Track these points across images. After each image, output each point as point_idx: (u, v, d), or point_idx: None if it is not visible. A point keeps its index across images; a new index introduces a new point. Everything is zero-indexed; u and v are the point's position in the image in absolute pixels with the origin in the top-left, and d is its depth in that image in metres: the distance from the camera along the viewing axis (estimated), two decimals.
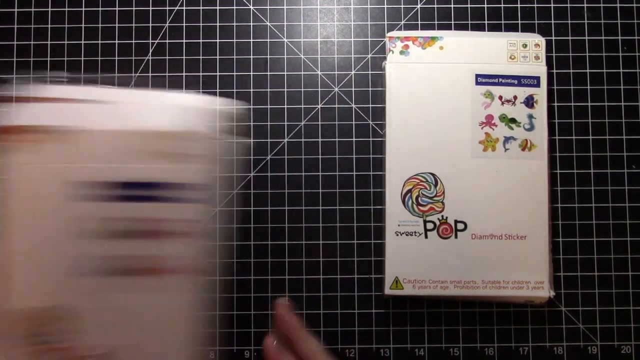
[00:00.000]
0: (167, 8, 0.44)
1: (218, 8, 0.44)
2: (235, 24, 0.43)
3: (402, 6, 0.44)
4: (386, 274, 0.39)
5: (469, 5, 0.43)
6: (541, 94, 0.40)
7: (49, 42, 0.43)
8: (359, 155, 0.42)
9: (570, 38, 0.43)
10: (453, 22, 0.43)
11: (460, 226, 0.39)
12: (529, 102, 0.39)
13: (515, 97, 0.40)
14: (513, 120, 0.40)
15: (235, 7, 0.44)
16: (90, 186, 0.27)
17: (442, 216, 0.39)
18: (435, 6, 0.43)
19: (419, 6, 0.44)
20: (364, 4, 0.44)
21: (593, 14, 0.44)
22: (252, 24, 0.44)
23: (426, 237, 0.39)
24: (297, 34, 0.44)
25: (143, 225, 0.27)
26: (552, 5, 0.44)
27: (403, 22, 0.43)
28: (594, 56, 0.43)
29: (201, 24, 0.43)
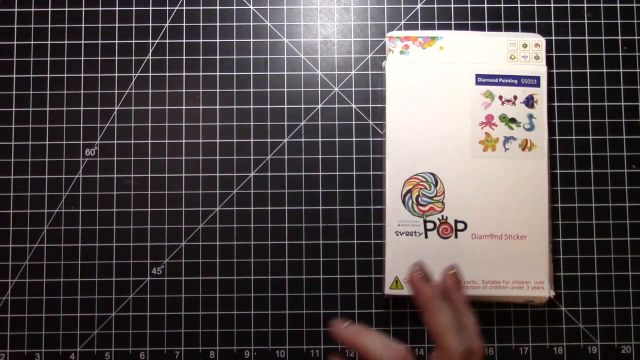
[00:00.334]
0: (167, 8, 0.44)
1: (218, 8, 0.44)
2: (235, 24, 0.43)
3: (402, 6, 0.44)
4: (386, 273, 0.39)
5: (469, 5, 0.43)
6: (541, 94, 0.40)
7: (48, 42, 0.43)
8: (359, 155, 0.42)
9: (570, 38, 0.43)
10: (453, 22, 0.43)
11: (461, 226, 0.39)
12: (529, 102, 0.40)
13: (515, 97, 0.40)
14: (513, 120, 0.40)
15: (235, 7, 0.44)
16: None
17: (442, 216, 0.39)
18: (435, 6, 0.43)
19: (419, 6, 0.44)
20: (364, 4, 0.44)
21: (593, 14, 0.44)
22: (252, 24, 0.43)
23: (426, 236, 0.39)
24: (297, 34, 0.44)
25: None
26: (552, 5, 0.44)
27: (403, 22, 0.43)
28: (594, 56, 0.43)
29: (201, 24, 0.43)
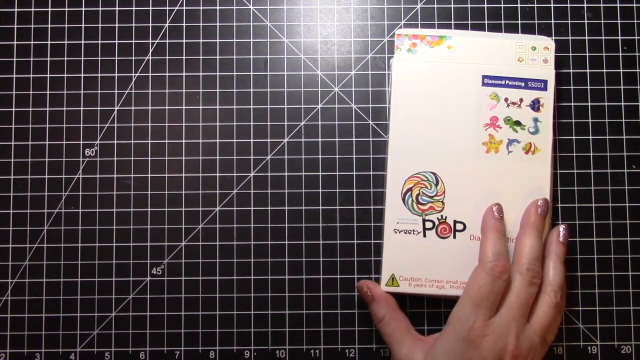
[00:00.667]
0: (167, 8, 0.44)
1: (218, 8, 0.44)
2: (235, 24, 0.43)
3: (402, 6, 0.44)
4: (383, 270, 0.39)
5: (469, 5, 0.43)
6: (548, 97, 0.40)
7: (48, 42, 0.43)
8: (359, 155, 0.42)
9: (570, 38, 0.43)
10: (453, 22, 0.43)
11: (459, 227, 0.39)
12: (535, 105, 0.39)
13: (522, 100, 0.39)
14: (518, 123, 0.39)
15: (235, 7, 0.44)
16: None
17: (442, 216, 0.39)
18: (435, 6, 0.43)
19: (419, 6, 0.44)
20: (364, 4, 0.44)
21: (593, 14, 0.44)
22: (252, 24, 0.44)
23: (424, 235, 0.39)
24: (297, 34, 0.44)
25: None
26: (552, 5, 0.44)
27: (403, 22, 0.43)
28: (594, 56, 0.43)
29: (201, 24, 0.43)
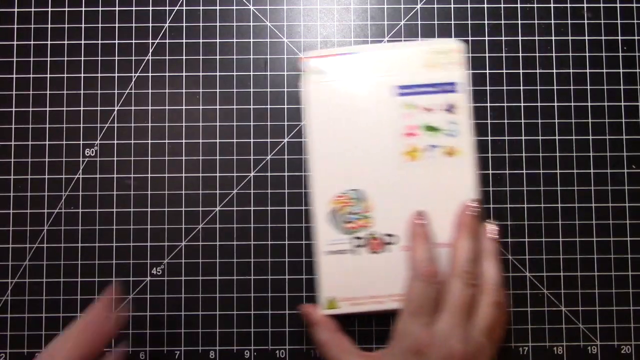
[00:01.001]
0: (167, 8, 0.44)
1: (218, 8, 0.44)
2: (235, 24, 0.43)
3: (402, 6, 0.44)
4: (320, 294, 0.39)
5: (469, 5, 0.43)
6: (462, 99, 0.39)
7: (48, 42, 0.43)
8: None
9: (570, 38, 0.43)
10: (453, 22, 0.43)
11: (391, 239, 0.39)
12: (450, 108, 0.39)
13: (436, 105, 0.39)
14: (435, 128, 0.39)
15: (235, 7, 0.44)
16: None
17: (372, 231, 0.39)
18: (435, 6, 0.43)
19: (419, 6, 0.44)
20: (364, 4, 0.44)
21: (593, 14, 0.44)
22: (252, 24, 0.43)
23: (357, 254, 0.39)
24: (297, 34, 0.43)
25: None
26: (552, 5, 0.44)
27: (403, 22, 0.43)
28: (594, 56, 0.43)
29: (201, 24, 0.43)
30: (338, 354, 0.37)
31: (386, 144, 0.39)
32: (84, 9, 0.44)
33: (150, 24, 0.43)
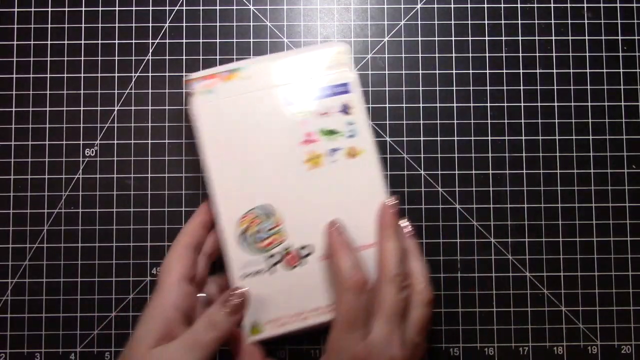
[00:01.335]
0: (167, 8, 0.44)
1: (218, 8, 0.44)
2: (235, 24, 0.43)
3: (402, 6, 0.44)
4: (242, 320, 0.36)
5: (469, 5, 0.43)
6: (355, 98, 0.38)
7: (48, 42, 0.43)
8: None
9: (570, 38, 0.43)
10: (453, 22, 0.43)
11: (306, 252, 0.37)
12: (345, 109, 0.38)
13: (331, 108, 0.38)
14: (333, 132, 0.38)
15: (235, 7, 0.44)
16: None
17: (286, 246, 0.37)
18: (436, 6, 0.43)
19: (419, 6, 0.44)
20: (364, 4, 0.44)
21: (593, 14, 0.44)
22: (252, 24, 0.44)
23: (273, 272, 0.37)
24: (297, 34, 0.44)
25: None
26: (552, 5, 0.44)
27: (403, 22, 0.43)
28: (594, 56, 0.43)
29: (201, 24, 0.43)
30: None
31: (286, 154, 0.37)
32: (84, 9, 0.44)
33: (150, 24, 0.43)
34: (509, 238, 0.42)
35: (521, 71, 0.43)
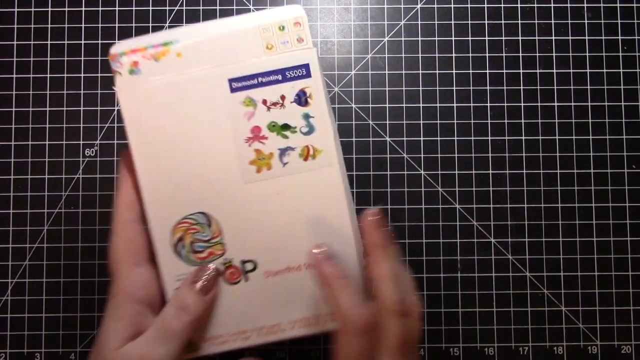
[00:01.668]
0: (167, 8, 0.44)
1: (218, 8, 0.44)
2: None
3: (402, 6, 0.44)
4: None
5: (469, 5, 0.43)
6: (315, 84, 0.31)
7: (48, 42, 0.43)
8: (359, 155, 0.42)
9: (570, 38, 0.43)
10: (453, 22, 0.43)
11: (249, 266, 0.32)
12: (302, 98, 0.31)
13: (283, 97, 0.31)
14: (286, 127, 0.31)
15: (235, 7, 0.44)
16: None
17: (226, 259, 0.32)
18: (436, 6, 0.43)
19: (419, 6, 0.44)
20: (364, 4, 0.44)
21: (593, 14, 0.44)
22: None
23: None
24: None
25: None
26: (552, 5, 0.44)
27: (403, 22, 0.43)
28: (594, 56, 0.43)
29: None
30: None
31: (227, 153, 0.31)
32: (84, 9, 0.44)
33: (150, 24, 0.43)
34: (509, 238, 0.42)
35: (521, 71, 0.43)
